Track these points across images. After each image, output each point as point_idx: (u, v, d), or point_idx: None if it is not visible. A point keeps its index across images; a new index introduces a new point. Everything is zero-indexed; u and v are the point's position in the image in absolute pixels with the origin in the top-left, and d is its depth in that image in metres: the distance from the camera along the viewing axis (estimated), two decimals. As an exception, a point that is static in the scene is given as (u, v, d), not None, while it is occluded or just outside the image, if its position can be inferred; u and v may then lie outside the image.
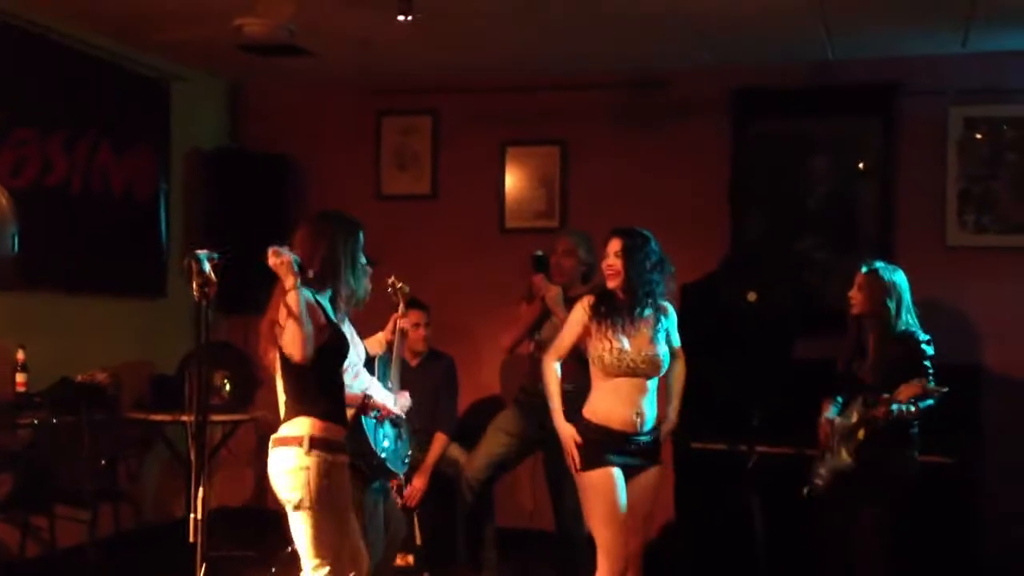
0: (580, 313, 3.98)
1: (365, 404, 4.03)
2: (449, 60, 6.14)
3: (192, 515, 3.31)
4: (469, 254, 6.41)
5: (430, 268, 6.05)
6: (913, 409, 4.04)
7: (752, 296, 5.13)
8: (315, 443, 3.31)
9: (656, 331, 3.94)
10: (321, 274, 3.40)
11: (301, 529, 3.35)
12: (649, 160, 6.23)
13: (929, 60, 5.75)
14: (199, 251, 3.40)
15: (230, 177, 6.50)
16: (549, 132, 6.46)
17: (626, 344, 3.87)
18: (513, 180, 6.53)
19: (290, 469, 3.32)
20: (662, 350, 3.94)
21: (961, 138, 5.68)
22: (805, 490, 4.36)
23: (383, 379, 4.25)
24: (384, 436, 4.11)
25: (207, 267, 3.39)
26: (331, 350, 3.39)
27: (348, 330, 3.92)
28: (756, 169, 5.99)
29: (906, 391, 4.01)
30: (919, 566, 4.61)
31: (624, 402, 3.88)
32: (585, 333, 3.96)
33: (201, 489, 3.35)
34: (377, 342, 4.34)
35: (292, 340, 3.22)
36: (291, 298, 3.22)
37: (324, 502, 3.31)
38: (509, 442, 5.06)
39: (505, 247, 6.36)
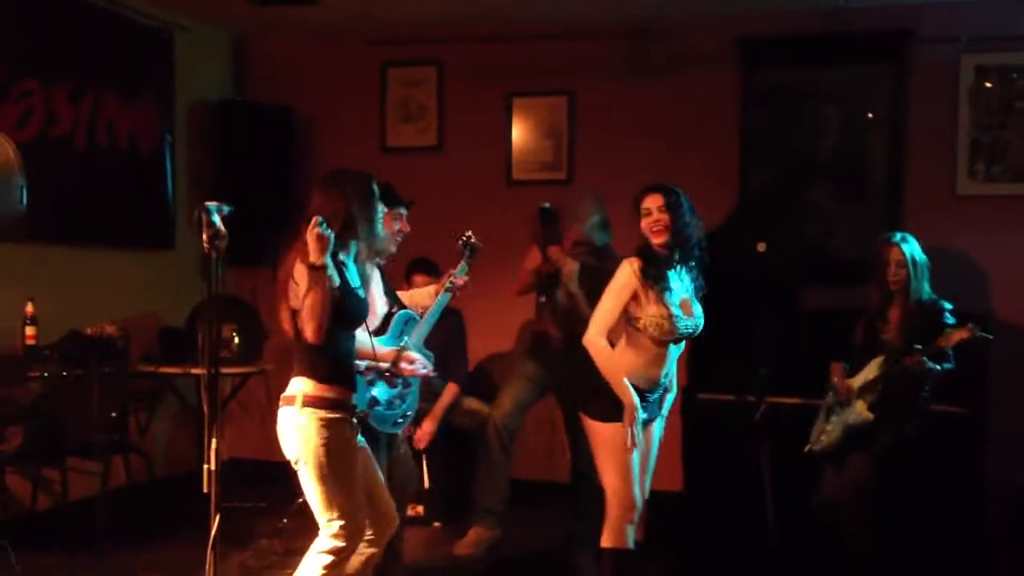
0: (629, 277, 3.76)
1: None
2: (454, 10, 6.08)
3: (206, 466, 3.33)
4: (476, 207, 6.34)
5: (436, 222, 6.00)
6: (939, 368, 4.17)
7: (761, 246, 5.12)
8: (309, 402, 3.35)
9: (695, 289, 3.89)
10: (343, 233, 3.39)
11: (308, 486, 3.40)
12: (657, 110, 6.18)
13: (941, 7, 5.68)
14: (209, 203, 3.39)
15: (235, 129, 6.46)
16: (556, 83, 6.39)
17: (676, 308, 3.78)
18: (520, 132, 6.49)
19: (288, 427, 3.40)
20: (701, 310, 3.88)
21: (972, 86, 5.62)
22: (807, 448, 4.41)
23: (401, 336, 4.11)
24: (374, 394, 3.96)
25: (217, 219, 3.38)
26: (342, 316, 3.39)
27: (376, 284, 3.95)
28: (764, 119, 5.95)
29: (956, 335, 4.07)
30: (924, 515, 4.64)
31: (659, 364, 3.83)
32: (632, 298, 3.79)
33: (215, 440, 3.38)
34: (428, 294, 4.27)
35: (308, 321, 3.26)
36: (319, 279, 3.24)
37: (321, 460, 3.35)
38: (530, 387, 5.10)
39: (512, 200, 6.33)
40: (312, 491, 3.39)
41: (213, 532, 3.30)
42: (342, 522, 3.37)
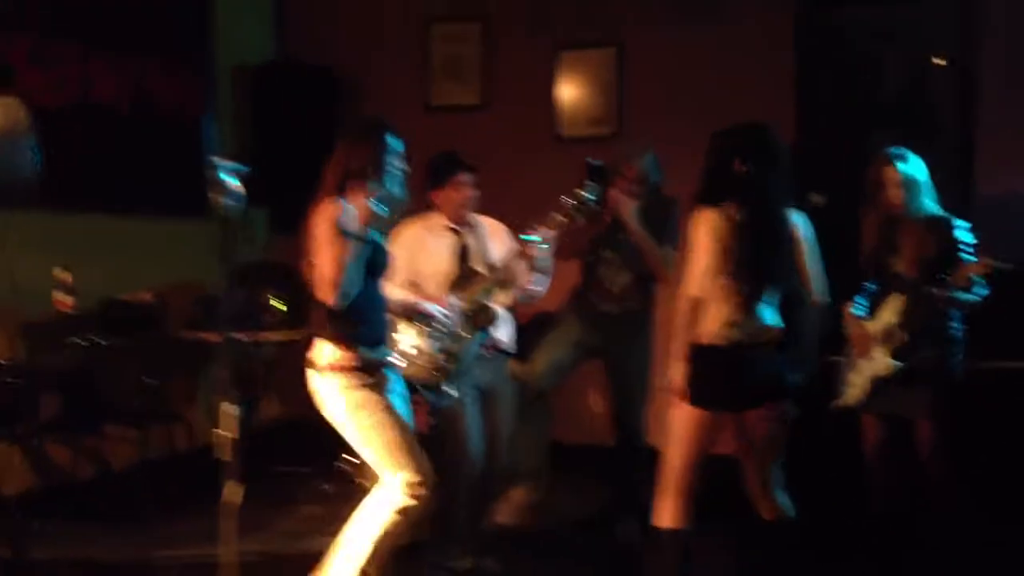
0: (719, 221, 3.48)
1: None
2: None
3: (215, 431, 3.23)
4: (523, 165, 6.16)
5: (483, 181, 5.81)
6: (973, 298, 3.79)
7: (817, 199, 4.81)
8: (333, 367, 3.33)
9: None
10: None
11: (357, 447, 3.39)
12: (709, 58, 5.91)
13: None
14: (218, 160, 3.30)
15: (277, 92, 6.33)
16: (604, 34, 6.15)
17: None
18: (567, 86, 6.26)
19: (317, 391, 3.38)
20: None
21: (1048, 21, 5.24)
22: (836, 403, 4.10)
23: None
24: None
25: (226, 176, 3.29)
26: (368, 268, 3.34)
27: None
28: (822, 63, 5.63)
29: (972, 268, 3.73)
30: (984, 475, 4.35)
31: None
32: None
33: (234, 408, 3.28)
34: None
35: (332, 286, 3.23)
36: (347, 250, 3.22)
37: (357, 420, 3.33)
38: (569, 351, 4.89)
39: (561, 157, 6.11)
40: (363, 451, 3.38)
41: (224, 500, 3.21)
42: (400, 475, 3.32)
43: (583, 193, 4.07)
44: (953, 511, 3.97)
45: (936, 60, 5.50)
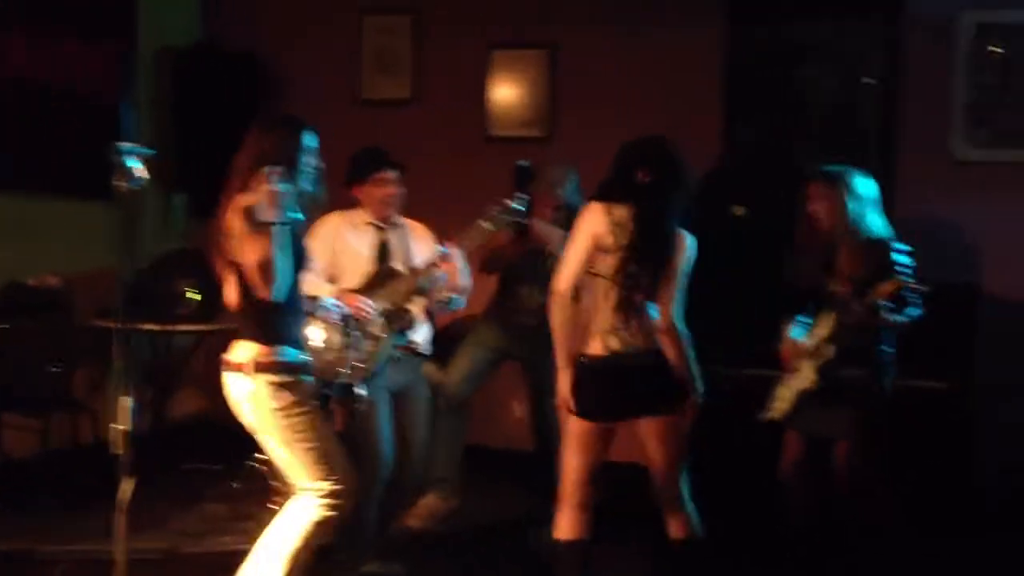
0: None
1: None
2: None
3: (112, 426, 3.12)
4: (452, 163, 6.09)
5: (411, 177, 5.72)
6: (905, 320, 3.79)
7: (738, 210, 4.82)
8: (259, 367, 3.15)
9: None
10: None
11: (276, 453, 3.23)
12: (640, 66, 5.89)
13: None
14: (122, 143, 3.18)
15: (201, 77, 6.18)
16: (537, 35, 6.10)
17: None
18: (499, 86, 6.21)
19: (241, 396, 3.20)
20: None
21: (972, 46, 5.28)
22: (762, 415, 4.10)
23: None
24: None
25: (131, 161, 3.18)
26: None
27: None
28: (752, 76, 5.63)
29: (881, 290, 3.74)
30: (911, 493, 4.39)
31: None
32: None
33: (129, 400, 3.18)
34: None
35: (263, 279, 3.06)
36: (267, 239, 3.04)
37: (282, 425, 3.16)
38: (488, 355, 4.83)
39: (490, 157, 6.05)
40: (283, 459, 3.21)
41: (119, 497, 3.12)
42: (321, 484, 3.18)
43: (511, 204, 4.01)
44: (889, 526, 4.00)
45: (865, 79, 5.54)
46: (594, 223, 3.42)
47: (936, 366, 4.67)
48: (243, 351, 3.19)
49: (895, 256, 3.85)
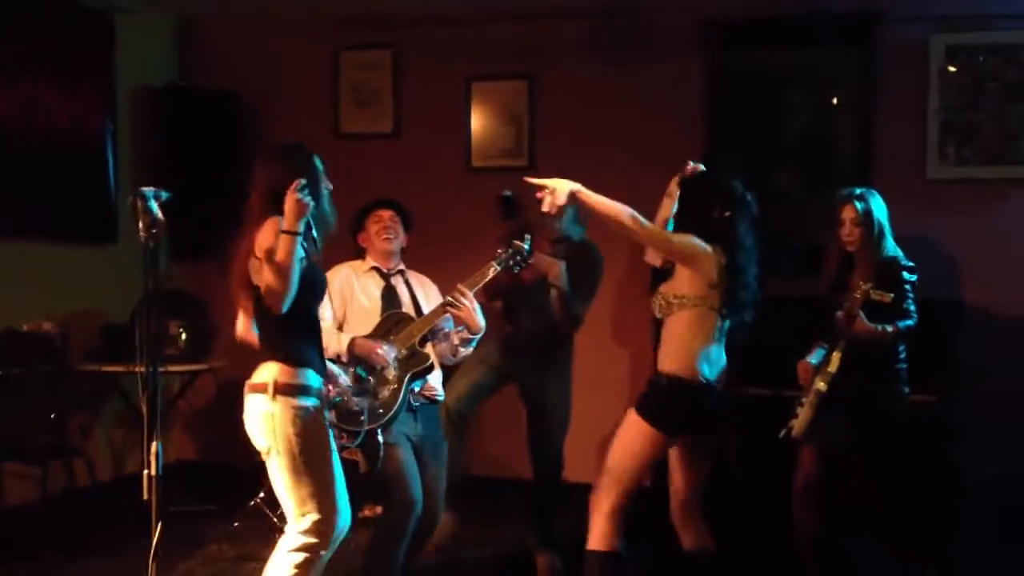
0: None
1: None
2: (410, -10, 5.85)
3: (146, 472, 3.12)
4: (434, 195, 6.13)
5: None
6: (890, 328, 3.95)
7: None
8: (280, 388, 3.15)
9: None
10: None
11: (278, 478, 3.19)
12: (619, 94, 6.01)
13: (909, -14, 5.55)
14: (145, 188, 3.19)
15: (180, 116, 6.19)
16: (516, 66, 6.19)
17: None
18: (479, 117, 6.28)
19: (258, 416, 3.18)
20: None
21: (942, 67, 5.49)
22: (781, 433, 4.21)
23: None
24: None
25: (154, 206, 3.19)
26: (307, 288, 3.18)
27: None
28: (729, 103, 5.78)
29: (854, 299, 3.90)
30: (896, 505, 4.48)
31: None
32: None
33: (155, 444, 3.17)
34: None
35: (276, 291, 3.05)
36: (288, 245, 3.04)
37: (295, 451, 3.14)
38: (489, 373, 4.86)
39: (472, 187, 6.12)
40: (284, 484, 3.19)
41: (155, 541, 3.11)
42: (316, 517, 3.16)
43: (522, 244, 4.07)
44: (881, 539, 4.11)
45: (837, 102, 5.70)
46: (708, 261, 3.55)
47: (916, 380, 4.80)
48: (265, 372, 3.20)
49: (904, 275, 4.03)
